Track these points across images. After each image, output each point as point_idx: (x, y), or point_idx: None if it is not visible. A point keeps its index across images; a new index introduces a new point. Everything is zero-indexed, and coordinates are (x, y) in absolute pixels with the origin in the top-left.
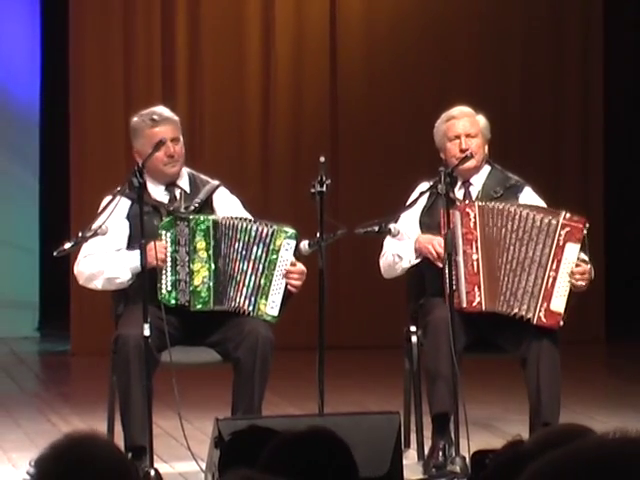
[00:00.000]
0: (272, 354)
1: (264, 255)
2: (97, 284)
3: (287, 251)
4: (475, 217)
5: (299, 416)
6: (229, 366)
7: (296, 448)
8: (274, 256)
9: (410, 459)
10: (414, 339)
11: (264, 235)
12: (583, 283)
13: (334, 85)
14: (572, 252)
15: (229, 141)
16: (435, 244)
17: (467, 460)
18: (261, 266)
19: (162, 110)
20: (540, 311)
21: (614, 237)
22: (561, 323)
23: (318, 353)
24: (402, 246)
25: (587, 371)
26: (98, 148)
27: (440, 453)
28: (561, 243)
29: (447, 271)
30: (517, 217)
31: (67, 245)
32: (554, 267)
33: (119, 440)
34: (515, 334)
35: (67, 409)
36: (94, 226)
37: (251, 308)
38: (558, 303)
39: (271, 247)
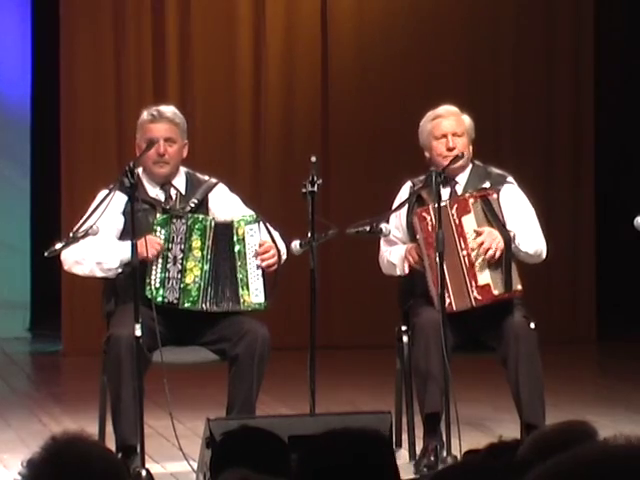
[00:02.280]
0: (269, 353)
1: (236, 248)
2: (84, 269)
3: (252, 237)
4: (431, 220)
5: (291, 416)
6: (221, 366)
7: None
8: (240, 246)
9: (402, 459)
10: (405, 339)
11: (232, 230)
12: (492, 251)
13: (325, 85)
14: (470, 224)
15: (220, 141)
16: (409, 257)
17: (458, 460)
18: (237, 260)
19: (166, 109)
20: (473, 292)
21: (605, 237)
22: (495, 292)
23: (309, 353)
24: (395, 253)
25: (578, 370)
26: (89, 149)
27: (432, 454)
28: (457, 221)
29: (437, 271)
30: (444, 212)
31: (58, 245)
32: (463, 246)
33: (110, 440)
34: (499, 333)
35: (58, 409)
36: (85, 226)
37: (237, 304)
38: (484, 277)
39: (235, 239)
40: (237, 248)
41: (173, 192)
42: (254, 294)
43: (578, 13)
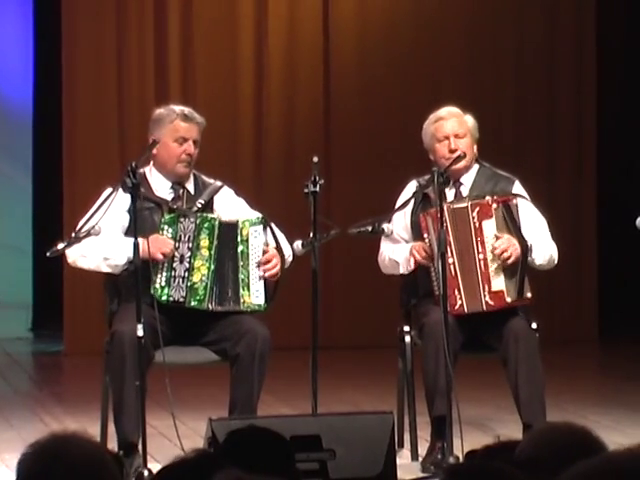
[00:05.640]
0: (270, 352)
1: (239, 248)
2: (89, 263)
3: (256, 238)
4: (446, 220)
5: (293, 416)
6: (223, 366)
7: None
8: (244, 246)
9: (404, 459)
10: (407, 339)
11: (236, 230)
12: (507, 254)
13: (327, 85)
14: (490, 229)
15: (222, 142)
16: (414, 253)
17: (460, 460)
18: (239, 260)
19: (192, 111)
20: (485, 296)
21: (607, 236)
22: (508, 300)
23: (312, 353)
24: (398, 252)
25: (580, 370)
26: (91, 148)
27: (439, 452)
28: (477, 225)
29: (436, 272)
30: (463, 213)
31: (60, 245)
32: (480, 249)
33: (112, 440)
34: (500, 333)
35: (60, 409)
36: (87, 226)
37: (237, 303)
38: (498, 282)
39: (239, 239)
40: (240, 248)
41: (182, 192)
42: (254, 295)
43: (579, 13)
